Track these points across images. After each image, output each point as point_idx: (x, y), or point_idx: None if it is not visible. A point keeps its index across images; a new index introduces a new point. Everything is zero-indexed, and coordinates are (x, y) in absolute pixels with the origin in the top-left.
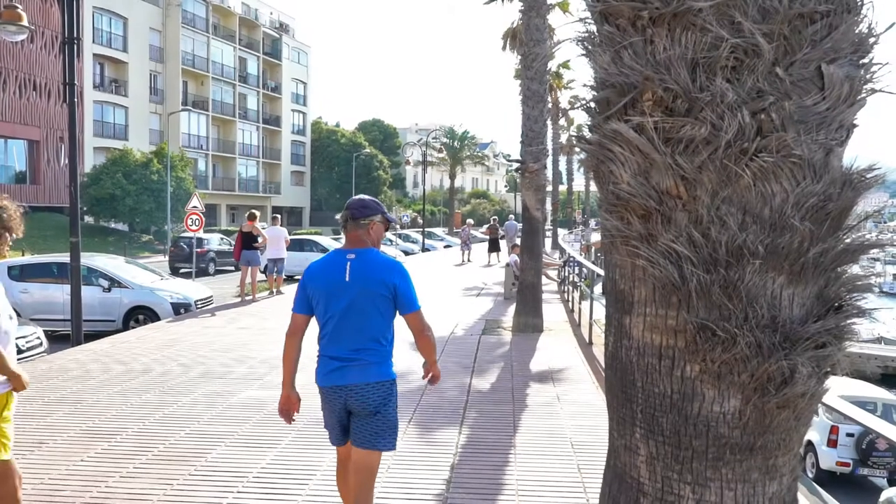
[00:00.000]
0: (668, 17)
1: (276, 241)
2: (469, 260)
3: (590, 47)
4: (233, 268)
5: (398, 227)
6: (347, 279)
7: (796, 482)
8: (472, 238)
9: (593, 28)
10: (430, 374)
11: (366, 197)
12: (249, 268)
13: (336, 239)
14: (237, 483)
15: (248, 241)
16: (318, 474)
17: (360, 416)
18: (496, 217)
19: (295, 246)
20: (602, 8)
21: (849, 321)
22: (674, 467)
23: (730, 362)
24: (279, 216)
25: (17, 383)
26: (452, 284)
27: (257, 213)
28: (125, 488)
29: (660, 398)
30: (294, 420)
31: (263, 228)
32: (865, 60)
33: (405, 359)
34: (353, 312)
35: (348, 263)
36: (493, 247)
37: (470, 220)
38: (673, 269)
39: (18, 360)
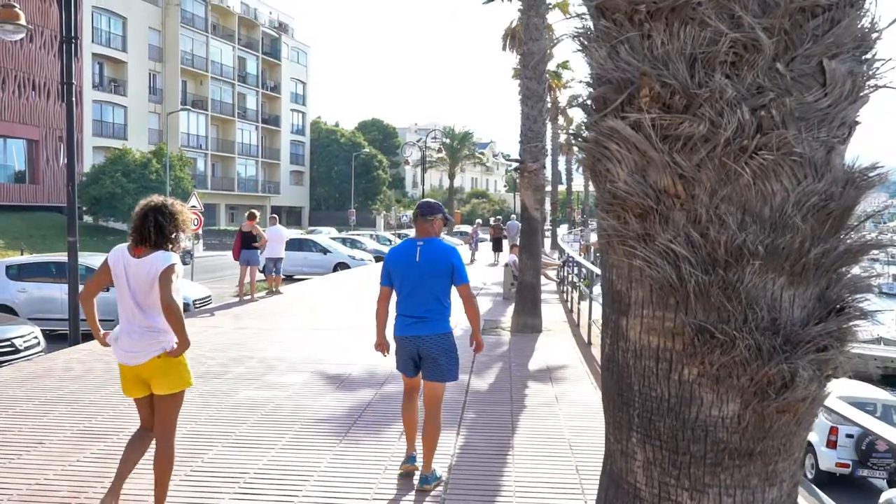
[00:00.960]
0: (666, 11)
1: (276, 241)
2: (475, 259)
3: (586, 43)
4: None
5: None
6: (417, 259)
7: (797, 488)
8: (480, 238)
9: (590, 23)
10: (474, 344)
11: (432, 201)
12: (248, 267)
13: (334, 239)
14: (233, 483)
15: (247, 241)
16: (315, 475)
17: (428, 360)
18: (499, 217)
19: (294, 245)
20: (599, 2)
21: (851, 323)
22: (671, 472)
23: (729, 365)
24: (276, 216)
25: (182, 348)
26: None
27: (257, 213)
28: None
29: (657, 402)
30: (388, 354)
31: (263, 229)
32: (868, 56)
33: None
34: (422, 284)
35: (418, 248)
36: (497, 246)
37: (479, 220)
38: (671, 269)
39: (15, 360)
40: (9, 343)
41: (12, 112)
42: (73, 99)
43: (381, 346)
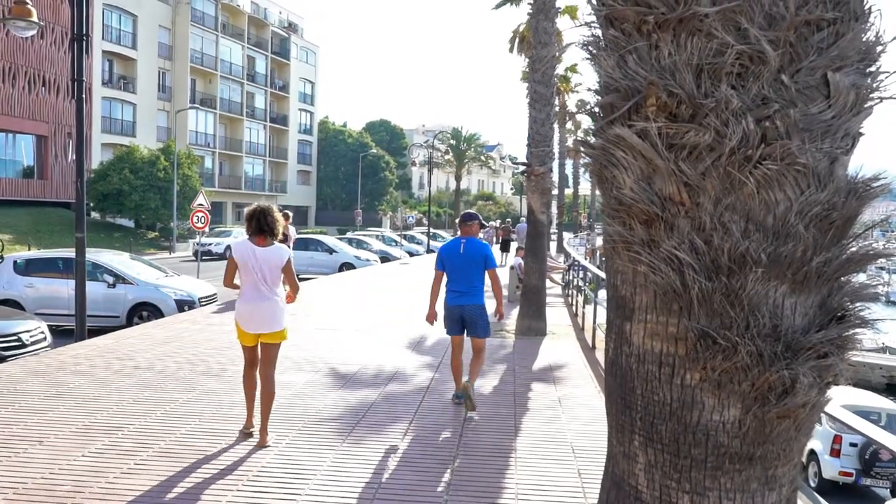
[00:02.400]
0: (674, 23)
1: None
2: None
3: (594, 51)
4: None
5: (487, 226)
6: (461, 252)
7: (796, 493)
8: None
9: (598, 32)
10: (499, 314)
11: (471, 211)
12: None
13: (340, 239)
14: (237, 481)
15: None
16: (318, 474)
17: (469, 323)
18: (510, 219)
19: (300, 245)
20: (607, 12)
21: (851, 331)
22: (672, 476)
23: (730, 371)
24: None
25: (294, 294)
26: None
27: (290, 214)
28: (125, 484)
29: (659, 406)
30: (435, 324)
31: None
32: (872, 69)
33: (407, 361)
34: (465, 269)
35: (462, 244)
36: (505, 247)
37: (493, 223)
38: (675, 275)
39: (22, 354)
40: (15, 338)
41: (22, 108)
42: (83, 96)
43: (432, 316)
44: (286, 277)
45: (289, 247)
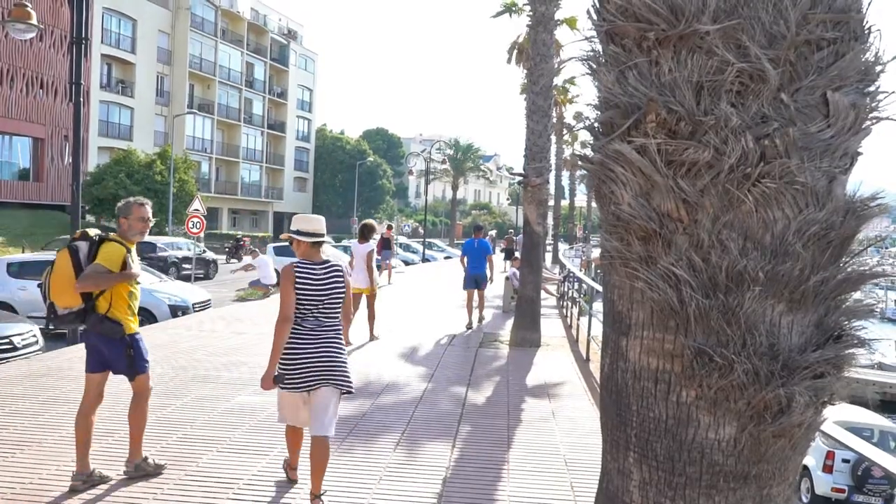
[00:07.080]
0: (674, 39)
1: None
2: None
3: (595, 67)
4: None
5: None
6: (476, 246)
7: None
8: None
9: (599, 47)
10: (490, 279)
11: (479, 222)
12: (385, 262)
13: (336, 246)
14: (227, 490)
15: (386, 244)
16: (310, 485)
17: (480, 281)
18: (513, 230)
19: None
20: (608, 28)
21: (848, 351)
22: (667, 493)
23: (726, 389)
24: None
25: (374, 283)
26: (451, 295)
27: (392, 225)
28: (115, 491)
29: (654, 422)
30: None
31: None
32: (871, 89)
33: (400, 371)
34: (478, 255)
35: (476, 242)
36: (508, 256)
37: (492, 233)
38: (672, 292)
39: (14, 357)
40: (7, 341)
41: (19, 110)
42: (81, 99)
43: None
44: (367, 261)
45: (392, 249)
